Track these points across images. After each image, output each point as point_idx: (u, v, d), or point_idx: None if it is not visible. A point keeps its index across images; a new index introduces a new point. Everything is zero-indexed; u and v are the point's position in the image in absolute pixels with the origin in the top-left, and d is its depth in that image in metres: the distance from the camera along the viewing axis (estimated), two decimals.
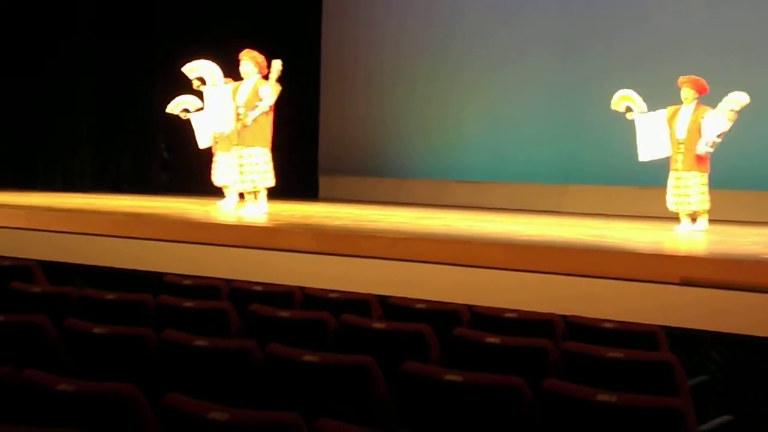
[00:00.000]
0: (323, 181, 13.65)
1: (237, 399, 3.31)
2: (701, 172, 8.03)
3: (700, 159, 8.00)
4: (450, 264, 5.91)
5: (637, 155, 8.38)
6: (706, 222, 8.11)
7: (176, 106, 9.90)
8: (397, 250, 6.16)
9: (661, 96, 8.47)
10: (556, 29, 11.96)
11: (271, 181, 8.81)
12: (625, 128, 8.51)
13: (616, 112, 8.42)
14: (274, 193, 9.21)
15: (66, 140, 12.60)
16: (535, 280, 5.62)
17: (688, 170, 8.03)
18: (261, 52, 9.11)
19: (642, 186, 10.87)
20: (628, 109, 8.39)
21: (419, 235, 6.86)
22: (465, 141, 12.63)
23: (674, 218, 8.39)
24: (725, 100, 8.01)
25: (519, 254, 5.93)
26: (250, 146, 8.71)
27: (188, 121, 10.26)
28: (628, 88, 8.55)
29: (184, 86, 10.16)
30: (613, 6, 11.70)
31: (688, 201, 8.07)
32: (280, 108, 12.23)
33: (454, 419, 3.36)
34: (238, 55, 9.03)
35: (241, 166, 8.73)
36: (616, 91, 8.54)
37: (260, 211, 8.67)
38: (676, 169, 8.09)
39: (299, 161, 13.48)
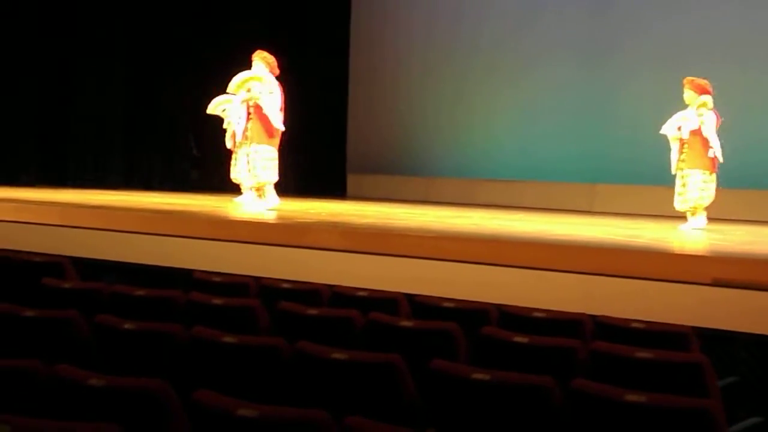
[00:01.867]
0: (351, 179, 13.66)
1: (266, 396, 3.32)
2: (703, 169, 7.99)
3: (703, 157, 7.97)
4: (478, 263, 5.89)
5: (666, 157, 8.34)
6: (704, 219, 8.06)
7: (216, 106, 9.95)
8: (426, 249, 6.15)
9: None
10: (584, 28, 11.91)
11: (275, 176, 8.94)
12: (654, 127, 8.44)
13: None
14: (302, 190, 9.26)
15: (97, 138, 12.69)
16: (565, 280, 5.60)
17: (690, 168, 8.03)
18: (289, 51, 9.22)
19: (673, 186, 10.80)
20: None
21: (448, 234, 6.85)
22: (494, 140, 12.60)
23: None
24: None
25: (548, 254, 5.91)
26: (257, 143, 8.87)
27: (219, 119, 10.30)
28: (657, 88, 8.50)
29: (215, 84, 10.20)
30: (640, 5, 11.62)
31: (686, 198, 8.05)
32: (309, 106, 12.29)
33: (482, 418, 3.35)
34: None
35: (249, 162, 8.95)
36: (643, 90, 8.50)
37: (269, 206, 8.76)
38: (681, 168, 8.09)
39: (327, 159, 13.52)
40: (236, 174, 10.02)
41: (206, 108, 10.11)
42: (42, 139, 12.41)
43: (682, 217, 8.40)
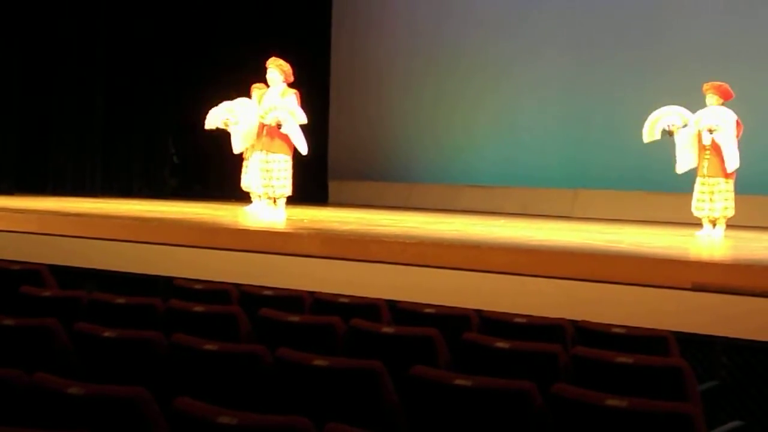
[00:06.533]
0: (333, 186, 13.66)
1: (246, 403, 3.31)
2: (727, 178, 7.96)
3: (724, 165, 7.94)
4: (459, 269, 5.90)
5: (647, 160, 8.35)
6: (724, 229, 8.05)
7: (215, 119, 9.81)
8: (407, 255, 6.15)
9: (672, 100, 8.44)
10: (566, 34, 11.95)
11: (289, 190, 9.08)
12: (635, 133, 8.48)
13: (652, 138, 8.21)
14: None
15: (76, 145, 12.64)
16: (545, 285, 5.61)
17: (714, 176, 7.98)
18: (270, 57, 9.20)
19: (653, 191, 10.85)
20: (667, 131, 8.20)
21: (429, 240, 6.85)
22: (475, 146, 12.62)
23: (684, 223, 8.36)
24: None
25: (529, 259, 5.92)
26: (274, 153, 8.95)
27: (201, 126, 10.25)
28: (639, 94, 8.50)
29: (195, 90, 10.20)
30: (623, 11, 11.68)
31: (711, 207, 8.00)
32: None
33: (463, 424, 3.35)
34: (245, 59, 9.18)
35: (267, 171, 8.99)
36: (624, 95, 8.48)
37: (279, 217, 8.81)
38: (702, 175, 8.04)
39: (309, 166, 13.45)
40: (247, 182, 9.95)
41: (186, 116, 10.08)
42: (21, 147, 12.34)
43: (662, 222, 8.42)
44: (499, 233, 8.07)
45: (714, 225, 8.06)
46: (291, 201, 9.69)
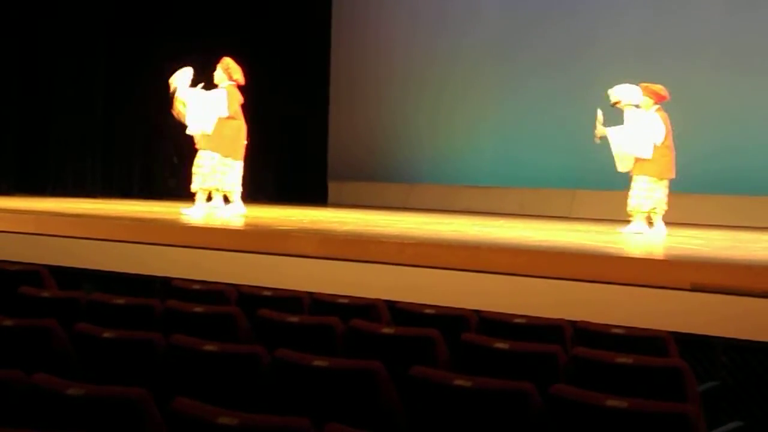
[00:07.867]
0: (332, 187, 13.66)
1: (246, 404, 3.31)
2: (650, 176, 8.02)
3: (645, 162, 8.00)
4: (459, 269, 5.90)
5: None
6: (639, 225, 8.09)
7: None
8: (406, 256, 6.15)
9: (672, 99, 8.45)
10: (565, 35, 11.96)
11: (229, 186, 9.07)
12: None
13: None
14: (283, 198, 9.26)
15: (76, 145, 12.64)
16: (544, 286, 5.61)
17: (637, 173, 8.08)
18: (270, 59, 9.22)
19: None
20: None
21: (428, 241, 6.85)
22: (474, 146, 12.63)
23: (683, 224, 8.37)
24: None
25: (528, 260, 5.92)
26: (204, 149, 9.11)
27: None
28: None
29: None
30: (623, 11, 11.69)
31: (628, 201, 8.12)
32: (290, 114, 12.25)
33: (462, 424, 3.35)
34: (246, 60, 9.23)
35: (195, 166, 9.18)
36: None
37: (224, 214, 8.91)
38: (629, 170, 8.18)
39: (308, 167, 13.50)
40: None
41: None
42: (21, 148, 12.34)
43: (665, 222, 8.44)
44: (498, 233, 8.07)
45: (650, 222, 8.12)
46: (291, 201, 9.70)
